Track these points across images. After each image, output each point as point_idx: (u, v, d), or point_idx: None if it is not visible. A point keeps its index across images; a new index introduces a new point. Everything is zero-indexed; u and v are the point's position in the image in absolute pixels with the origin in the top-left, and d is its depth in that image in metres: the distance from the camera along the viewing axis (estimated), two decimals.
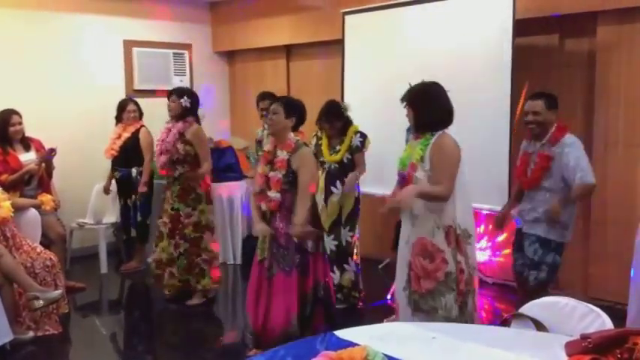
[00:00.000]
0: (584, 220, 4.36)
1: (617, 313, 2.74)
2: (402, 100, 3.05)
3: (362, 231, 4.61)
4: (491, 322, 4.04)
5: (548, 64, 4.45)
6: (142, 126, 5.36)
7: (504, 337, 2.12)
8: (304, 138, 3.74)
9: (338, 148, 4.33)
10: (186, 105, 4.35)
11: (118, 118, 5.39)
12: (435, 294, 2.85)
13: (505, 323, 2.29)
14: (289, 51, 6.38)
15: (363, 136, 4.32)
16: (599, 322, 2.04)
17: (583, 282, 4.35)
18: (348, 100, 5.08)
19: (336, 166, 4.32)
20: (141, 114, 5.40)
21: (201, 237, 4.42)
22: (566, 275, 4.46)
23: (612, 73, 4.14)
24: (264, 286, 3.40)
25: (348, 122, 4.36)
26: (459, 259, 2.85)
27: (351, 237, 4.35)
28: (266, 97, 4.76)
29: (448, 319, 2.82)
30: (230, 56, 7.03)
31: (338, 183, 4.31)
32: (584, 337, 1.73)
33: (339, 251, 4.32)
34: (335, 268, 4.29)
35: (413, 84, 4.08)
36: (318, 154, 4.29)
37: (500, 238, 4.82)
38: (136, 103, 5.40)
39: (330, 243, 4.25)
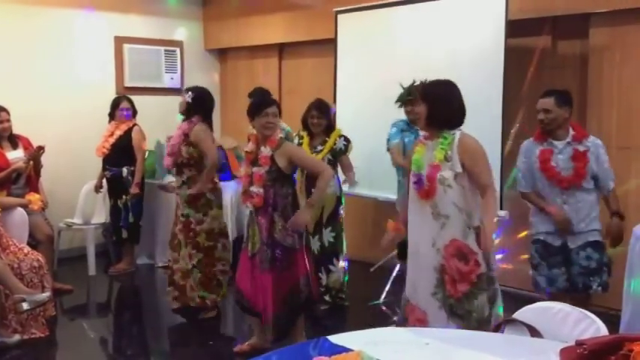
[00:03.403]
0: None
1: (612, 319, 2.74)
2: (406, 97, 3.04)
3: (351, 233, 4.58)
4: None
5: (540, 66, 4.44)
6: (135, 124, 5.28)
7: (498, 343, 2.11)
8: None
9: (320, 148, 4.31)
10: (188, 100, 4.09)
11: (112, 116, 5.32)
12: (469, 297, 2.82)
13: (498, 329, 2.28)
14: (281, 49, 6.34)
15: (347, 140, 4.31)
16: (594, 328, 2.03)
17: None
18: (340, 98, 5.07)
19: None
20: (134, 112, 5.33)
21: (215, 245, 4.15)
22: None
23: (605, 75, 4.14)
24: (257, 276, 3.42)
25: (331, 124, 4.39)
26: (489, 259, 2.87)
27: (334, 238, 4.30)
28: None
29: (480, 321, 2.80)
30: (221, 54, 6.98)
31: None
32: (579, 343, 1.73)
33: (324, 252, 4.28)
34: (322, 270, 4.25)
35: (404, 85, 4.11)
36: None
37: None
38: (130, 101, 5.33)
39: (314, 244, 4.18)
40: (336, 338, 2.02)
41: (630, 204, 4.05)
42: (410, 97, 3.95)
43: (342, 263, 4.35)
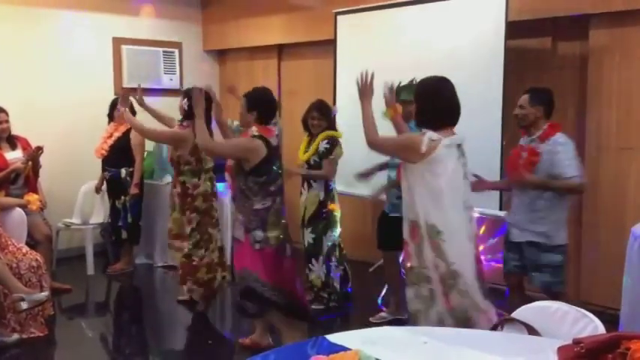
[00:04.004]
0: (575, 223, 4.35)
1: (610, 318, 2.74)
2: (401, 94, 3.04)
3: (350, 233, 4.58)
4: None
5: (540, 67, 4.45)
6: None
7: (496, 341, 2.10)
8: (270, 135, 3.51)
9: (308, 149, 4.35)
10: (184, 107, 4.15)
11: (110, 117, 5.32)
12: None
13: (497, 328, 2.27)
14: (281, 51, 6.34)
15: (332, 142, 4.27)
16: (592, 327, 2.03)
17: (575, 286, 4.34)
18: (340, 100, 5.07)
19: (306, 166, 4.34)
20: (133, 113, 5.32)
21: (212, 206, 4.31)
22: None
23: (604, 76, 4.14)
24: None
25: (332, 126, 4.38)
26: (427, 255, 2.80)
27: (313, 239, 4.31)
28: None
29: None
30: (221, 55, 6.99)
31: (306, 184, 4.34)
32: (576, 341, 1.73)
33: (305, 252, 4.33)
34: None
35: (401, 84, 4.12)
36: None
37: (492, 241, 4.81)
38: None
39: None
40: (334, 337, 2.02)
41: (629, 204, 4.06)
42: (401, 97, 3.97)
43: (329, 263, 4.35)
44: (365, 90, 3.01)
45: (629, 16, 3.95)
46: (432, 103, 2.84)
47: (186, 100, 4.10)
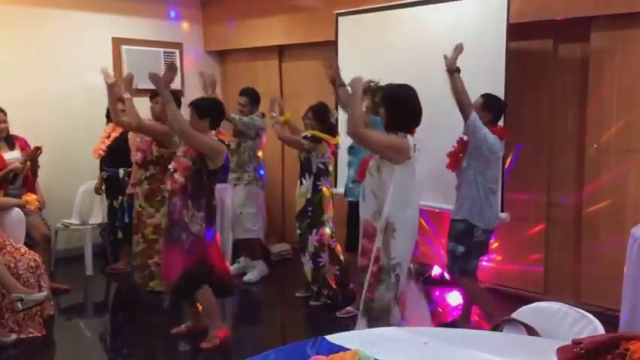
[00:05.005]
0: (575, 224, 4.35)
1: (609, 319, 2.73)
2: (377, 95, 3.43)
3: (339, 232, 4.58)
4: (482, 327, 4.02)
5: (541, 69, 4.44)
6: None
7: (496, 342, 2.10)
8: (225, 138, 4.21)
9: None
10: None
11: (109, 117, 5.32)
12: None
13: (497, 328, 2.27)
14: (282, 51, 6.34)
15: (314, 140, 4.37)
16: (591, 327, 2.03)
17: (575, 287, 4.34)
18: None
19: (305, 157, 4.49)
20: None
21: (157, 240, 4.37)
22: (557, 281, 4.46)
23: (605, 79, 4.13)
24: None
25: (332, 128, 4.46)
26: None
27: (299, 235, 4.51)
28: (243, 93, 5.15)
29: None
30: (221, 56, 6.98)
31: (302, 178, 4.48)
32: (576, 342, 1.72)
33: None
34: None
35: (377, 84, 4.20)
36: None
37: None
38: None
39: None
40: (333, 337, 2.02)
41: (629, 206, 4.05)
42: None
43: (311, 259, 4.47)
44: (357, 84, 3.24)
45: (630, 18, 3.95)
46: (403, 108, 3.17)
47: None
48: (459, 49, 3.63)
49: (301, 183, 4.47)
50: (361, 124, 3.14)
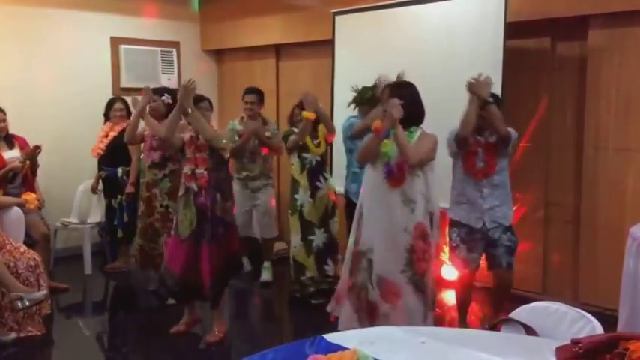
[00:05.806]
0: (574, 224, 4.36)
1: (608, 319, 2.74)
2: (366, 99, 3.68)
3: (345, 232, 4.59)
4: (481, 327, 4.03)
5: (539, 68, 4.45)
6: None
7: (494, 341, 2.10)
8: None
9: (316, 141, 4.46)
10: (168, 102, 4.37)
11: (106, 117, 5.33)
12: (427, 274, 3.27)
13: (495, 328, 2.27)
14: (279, 51, 6.33)
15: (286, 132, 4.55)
16: (590, 327, 2.03)
17: (573, 287, 4.35)
18: (338, 100, 5.06)
19: (318, 160, 4.47)
20: (129, 113, 5.33)
21: None
22: (556, 280, 4.47)
23: (603, 77, 4.14)
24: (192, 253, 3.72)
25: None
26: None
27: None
28: (251, 91, 5.06)
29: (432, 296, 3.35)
30: (219, 55, 6.98)
31: (321, 178, 4.46)
32: (574, 341, 1.73)
33: (330, 243, 4.48)
34: (329, 261, 4.48)
35: (358, 87, 4.27)
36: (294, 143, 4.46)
37: None
38: (124, 102, 5.33)
39: (321, 236, 4.45)
40: (332, 336, 2.01)
41: (628, 205, 4.06)
42: (368, 98, 4.12)
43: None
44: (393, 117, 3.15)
45: (628, 16, 3.95)
46: (420, 105, 3.30)
47: (166, 94, 4.44)
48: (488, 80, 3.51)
49: (319, 185, 4.47)
50: (412, 153, 3.16)
